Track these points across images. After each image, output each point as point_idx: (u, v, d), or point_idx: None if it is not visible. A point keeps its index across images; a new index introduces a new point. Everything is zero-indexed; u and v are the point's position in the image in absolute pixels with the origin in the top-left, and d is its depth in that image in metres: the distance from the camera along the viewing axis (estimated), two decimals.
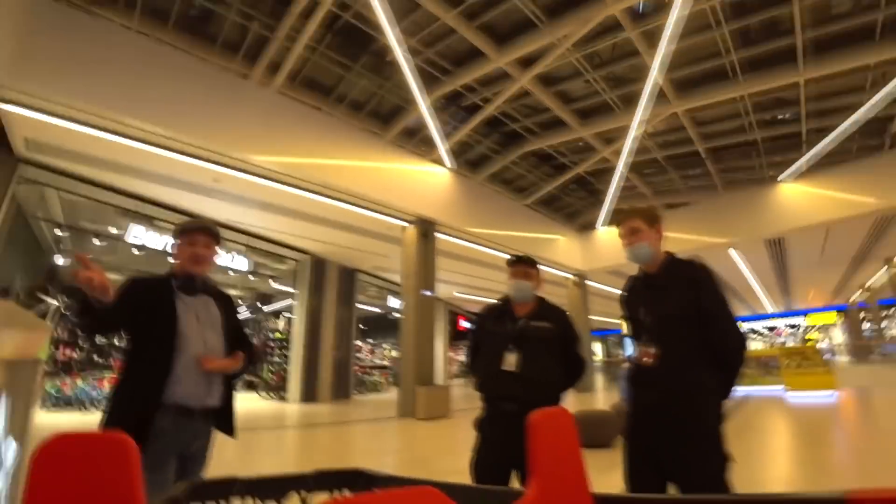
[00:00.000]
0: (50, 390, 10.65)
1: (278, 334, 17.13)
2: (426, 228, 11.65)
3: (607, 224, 16.81)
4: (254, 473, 1.07)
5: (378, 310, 22.39)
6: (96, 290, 1.66)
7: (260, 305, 20.30)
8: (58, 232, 12.38)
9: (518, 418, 2.19)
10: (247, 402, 13.60)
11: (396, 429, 8.77)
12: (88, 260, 1.68)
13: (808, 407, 9.97)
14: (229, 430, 2.05)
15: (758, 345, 36.51)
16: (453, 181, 12.72)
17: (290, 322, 15.63)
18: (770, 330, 37.95)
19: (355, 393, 16.41)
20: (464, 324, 26.19)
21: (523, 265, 2.50)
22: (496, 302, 2.64)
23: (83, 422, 8.97)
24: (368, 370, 20.46)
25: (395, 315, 20.87)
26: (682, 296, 1.98)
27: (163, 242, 11.58)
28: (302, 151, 9.33)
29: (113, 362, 12.75)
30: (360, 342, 20.68)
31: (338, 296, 15.16)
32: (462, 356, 28.74)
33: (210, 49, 8.87)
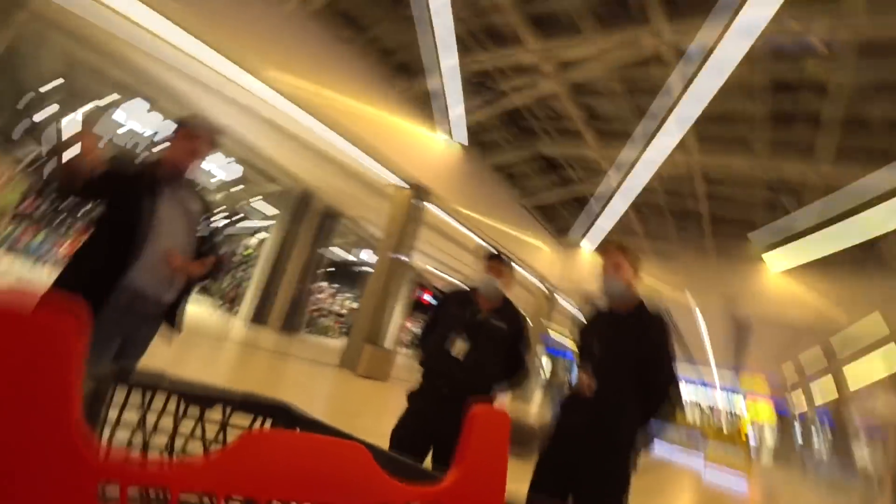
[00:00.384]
0: (5, 237, 10.45)
1: (248, 251, 17.01)
2: (419, 194, 11.59)
3: (593, 250, 16.98)
4: (184, 377, 1.06)
5: (351, 258, 22.36)
6: (92, 158, 1.65)
7: (237, 217, 20.07)
8: (52, 84, 11.88)
9: (448, 401, 2.29)
10: (196, 306, 13.54)
11: (333, 377, 8.88)
12: (92, 132, 1.66)
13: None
14: (176, 325, 2.07)
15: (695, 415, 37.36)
16: (459, 158, 12.62)
17: (261, 243, 15.53)
18: (710, 409, 38.81)
19: (305, 331, 16.48)
20: (427, 297, 26.33)
21: (499, 263, 2.54)
22: (464, 288, 2.69)
23: (30, 278, 8.84)
24: (324, 312, 20.52)
25: (363, 268, 20.88)
26: (638, 341, 2.06)
27: (155, 128, 11.25)
28: (319, 78, 9.10)
29: (77, 228, 12.52)
30: (324, 283, 20.67)
31: (315, 232, 15.06)
32: (416, 328, 28.96)
33: None
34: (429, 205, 12.15)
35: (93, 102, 11.54)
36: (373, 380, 9.74)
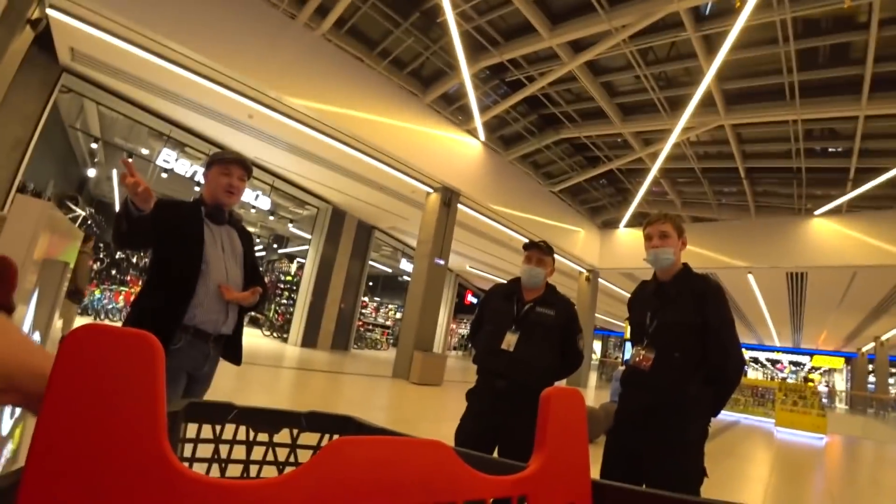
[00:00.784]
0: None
1: (289, 277, 17.46)
2: (449, 197, 11.63)
3: (630, 225, 16.63)
4: (249, 404, 1.11)
5: (389, 270, 22.62)
6: (139, 196, 1.71)
7: (275, 246, 20.63)
8: (93, 145, 12.62)
9: (506, 396, 2.29)
10: (249, 337, 13.97)
11: (388, 387, 8.99)
12: (133, 166, 1.72)
13: (795, 445, 9.95)
14: (236, 359, 2.15)
15: (757, 375, 36.21)
16: (483, 155, 12.60)
17: (301, 267, 15.90)
18: (772, 363, 37.54)
19: (354, 347, 16.77)
20: (470, 298, 26.36)
21: (538, 251, 2.52)
22: (506, 282, 2.68)
23: None
24: (370, 327, 20.81)
25: (404, 278, 21.08)
26: (689, 308, 2.01)
27: (191, 170, 11.74)
28: (338, 100, 9.29)
29: (129, 279, 13.16)
30: (366, 298, 21.00)
31: (352, 249, 15.34)
32: (463, 329, 29.07)
33: None
34: (461, 206, 12.19)
35: (132, 153, 12.17)
36: (427, 385, 9.81)
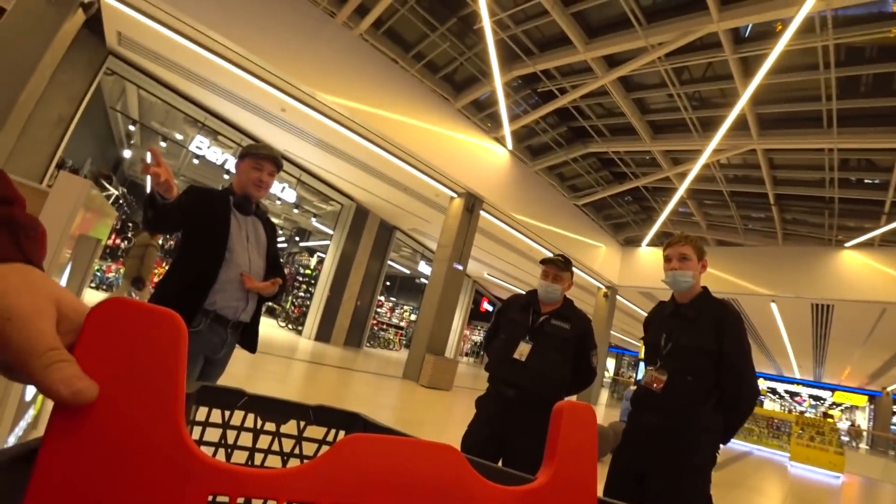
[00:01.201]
0: (96, 271, 11.42)
1: (308, 270, 17.66)
2: (472, 203, 11.64)
3: (652, 244, 16.40)
4: (259, 392, 1.13)
5: (407, 271, 22.70)
6: (161, 185, 1.78)
7: (297, 239, 20.90)
8: (130, 127, 13.01)
9: (515, 406, 2.29)
10: (265, 327, 14.17)
11: (397, 388, 9.02)
12: (160, 156, 1.79)
13: (809, 481, 9.66)
14: (251, 346, 2.19)
15: (774, 406, 35.25)
16: (510, 163, 12.59)
17: (321, 261, 16.08)
18: (791, 395, 36.49)
19: (367, 345, 16.87)
20: (486, 306, 26.29)
21: (555, 267, 2.51)
22: (524, 293, 2.68)
23: None
24: (385, 326, 20.91)
25: (422, 280, 21.14)
26: (706, 333, 1.98)
27: (221, 158, 11.99)
28: (370, 99, 9.39)
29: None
30: (382, 297, 21.12)
31: (372, 248, 15.44)
32: (476, 336, 29.01)
33: None
34: (484, 213, 12.19)
35: (167, 137, 12.50)
36: (436, 389, 9.81)
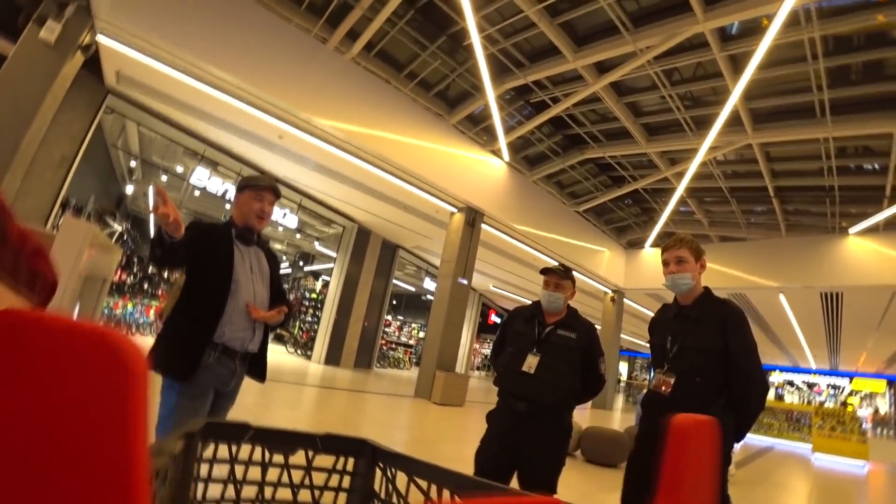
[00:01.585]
0: (104, 307, 11.48)
1: (313, 294, 17.69)
2: (473, 217, 11.68)
3: (655, 245, 16.38)
4: (268, 422, 1.10)
5: (412, 288, 22.70)
6: (170, 225, 1.80)
7: (301, 264, 20.97)
8: (132, 163, 13.18)
9: (527, 418, 2.28)
10: (274, 354, 14.15)
11: (410, 407, 8.96)
12: (167, 195, 1.82)
13: (834, 472, 9.49)
14: (260, 376, 2.20)
15: (793, 398, 34.70)
16: (508, 175, 12.66)
17: (326, 285, 16.11)
18: (809, 387, 35.95)
19: (377, 365, 16.80)
20: (494, 318, 26.19)
21: (556, 276, 2.51)
22: (529, 304, 2.69)
23: None
24: (393, 345, 20.85)
25: (428, 297, 21.12)
26: (710, 333, 1.98)
27: (222, 188, 12.10)
28: (365, 121, 9.49)
29: (160, 292, 13.56)
30: (389, 317, 21.08)
31: (376, 268, 15.47)
32: (486, 349, 28.84)
33: (295, 10, 9.12)
34: (485, 225, 12.23)
35: (168, 170, 12.66)
36: (449, 406, 9.74)
